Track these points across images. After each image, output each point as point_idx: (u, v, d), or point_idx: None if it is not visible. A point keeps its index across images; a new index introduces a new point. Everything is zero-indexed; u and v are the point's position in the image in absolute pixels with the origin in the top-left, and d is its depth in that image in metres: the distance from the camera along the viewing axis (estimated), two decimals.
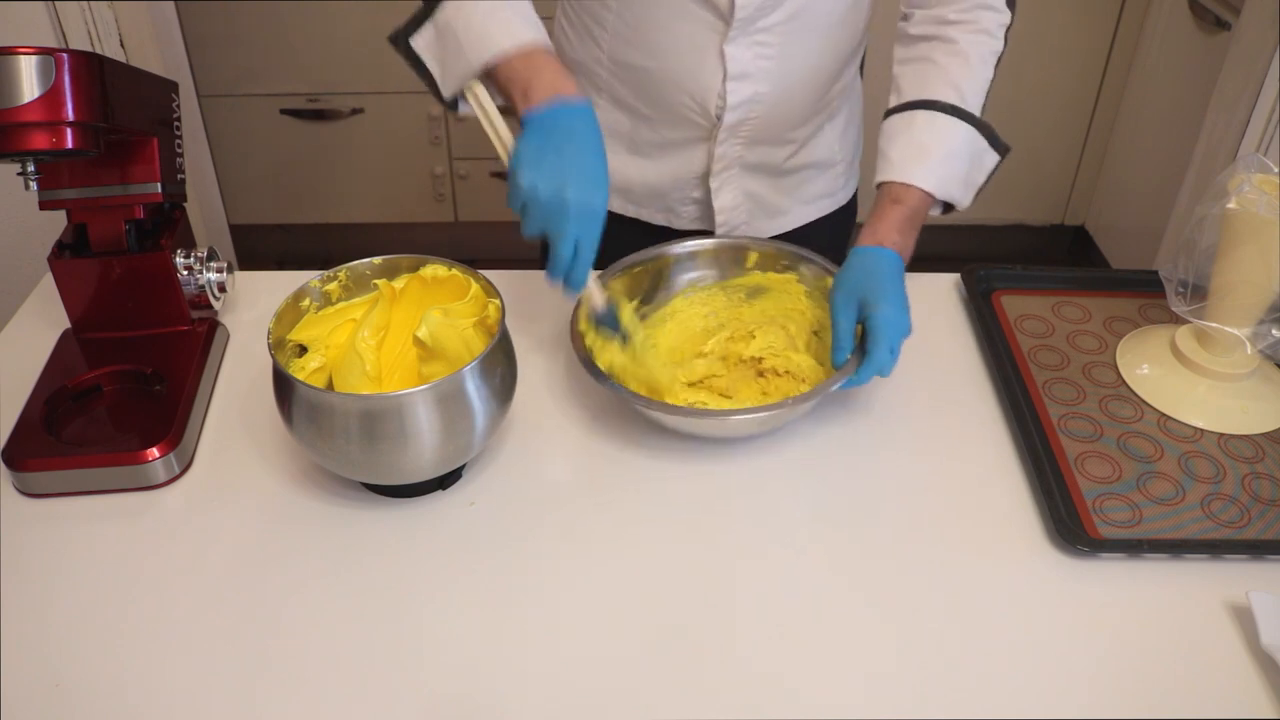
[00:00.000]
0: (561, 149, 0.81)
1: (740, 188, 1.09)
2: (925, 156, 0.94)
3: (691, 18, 0.95)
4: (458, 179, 2.62)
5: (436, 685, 0.71)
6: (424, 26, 0.89)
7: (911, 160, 0.94)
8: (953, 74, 0.96)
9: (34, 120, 0.79)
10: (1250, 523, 0.83)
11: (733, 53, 0.96)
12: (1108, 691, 0.71)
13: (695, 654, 0.74)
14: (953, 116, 0.95)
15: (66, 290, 0.96)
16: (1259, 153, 1.75)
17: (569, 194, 0.80)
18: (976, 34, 0.97)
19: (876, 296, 0.87)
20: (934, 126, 0.95)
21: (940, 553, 0.81)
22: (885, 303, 0.87)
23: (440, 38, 0.88)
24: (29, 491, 0.85)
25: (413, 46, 0.89)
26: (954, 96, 0.96)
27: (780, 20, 0.95)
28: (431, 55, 0.89)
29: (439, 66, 0.89)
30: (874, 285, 0.89)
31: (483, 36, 0.84)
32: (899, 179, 0.94)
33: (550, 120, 0.82)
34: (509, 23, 0.85)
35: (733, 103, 0.99)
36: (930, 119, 0.95)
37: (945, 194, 0.95)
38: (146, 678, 0.71)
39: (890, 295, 0.88)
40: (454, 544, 0.82)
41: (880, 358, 0.86)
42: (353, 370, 0.85)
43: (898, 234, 0.92)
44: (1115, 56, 2.44)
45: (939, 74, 0.97)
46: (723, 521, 0.84)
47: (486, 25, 0.85)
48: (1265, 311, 0.93)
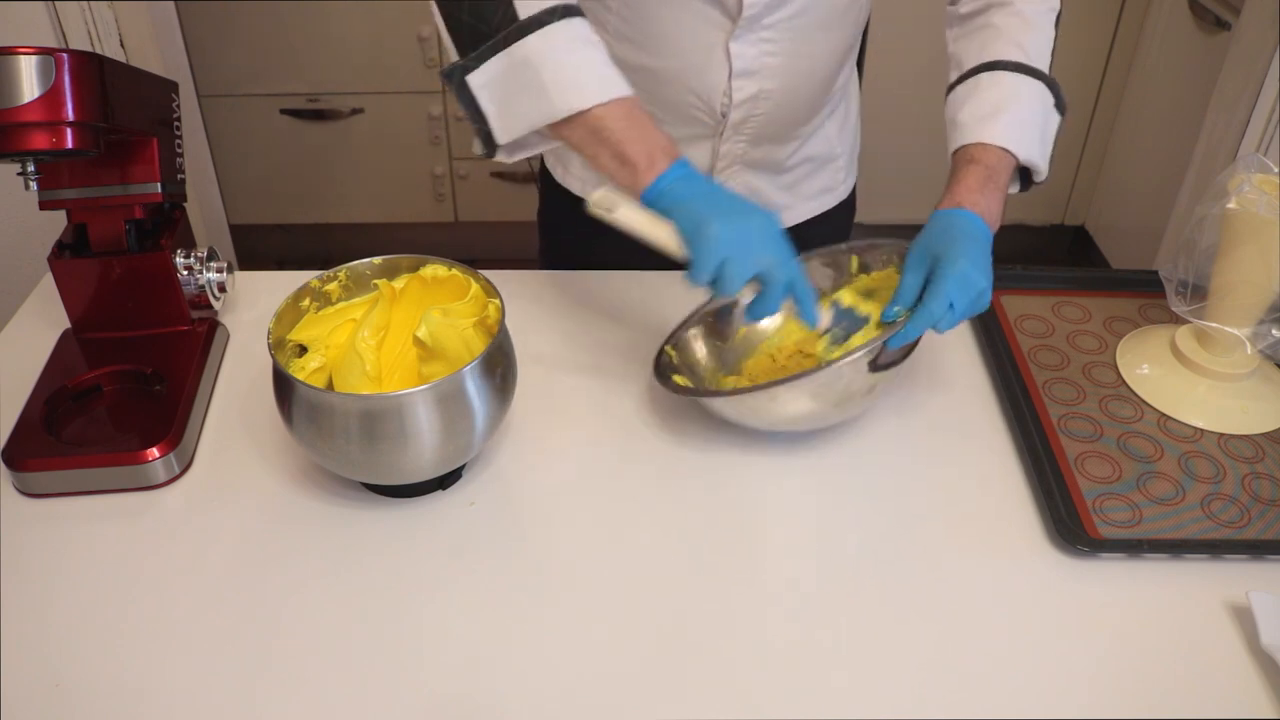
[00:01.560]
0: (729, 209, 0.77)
1: (743, 184, 1.09)
2: (996, 115, 0.90)
3: (697, 15, 0.95)
4: (458, 179, 2.62)
5: (436, 685, 0.71)
6: (490, 60, 0.80)
7: (982, 120, 0.90)
8: (1013, 33, 0.94)
9: (34, 120, 0.79)
10: (1250, 523, 0.83)
11: (738, 49, 0.96)
12: (1108, 691, 0.71)
13: (695, 654, 0.74)
14: (1018, 73, 0.92)
15: (66, 290, 0.96)
16: (1259, 153, 1.75)
17: (772, 252, 0.77)
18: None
19: (952, 253, 0.81)
20: (1000, 84, 0.92)
21: (940, 552, 0.81)
22: (961, 259, 0.80)
23: (512, 74, 0.79)
24: (29, 491, 0.85)
25: (468, 84, 0.81)
26: (1018, 54, 0.93)
27: (786, 16, 0.95)
28: (491, 94, 0.81)
29: (498, 107, 0.81)
30: (950, 242, 0.82)
31: (575, 81, 0.78)
32: (972, 140, 0.89)
33: (690, 187, 0.78)
34: (604, 74, 0.80)
35: (738, 100, 0.99)
36: (995, 78, 0.92)
37: (1025, 152, 0.90)
38: (146, 678, 0.71)
39: (968, 253, 0.81)
40: (454, 544, 0.82)
41: (935, 307, 0.79)
42: (353, 370, 0.85)
43: (977, 194, 0.86)
44: (1115, 56, 2.44)
45: (998, 35, 0.94)
46: (722, 521, 0.84)
47: (581, 71, 0.78)
48: (1265, 311, 0.93)
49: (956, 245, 0.82)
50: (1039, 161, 0.92)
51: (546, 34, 0.78)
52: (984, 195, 0.86)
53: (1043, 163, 0.93)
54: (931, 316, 0.81)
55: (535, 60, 0.78)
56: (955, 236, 0.83)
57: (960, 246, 0.82)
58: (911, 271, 0.84)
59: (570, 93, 0.78)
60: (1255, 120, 1.83)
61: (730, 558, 0.81)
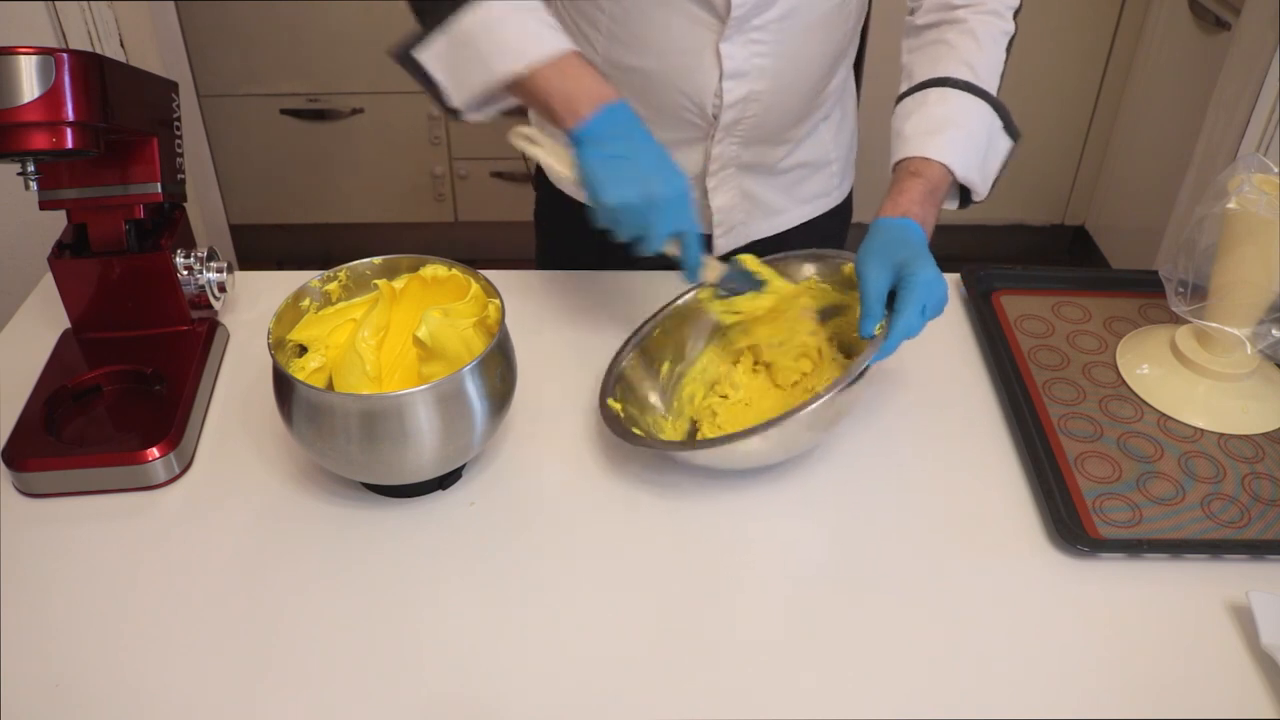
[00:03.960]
0: (627, 153, 0.82)
1: (737, 187, 1.09)
2: (940, 130, 0.92)
3: (687, 16, 0.95)
4: (458, 179, 2.62)
5: (436, 685, 0.71)
6: (433, 38, 0.87)
7: (926, 134, 0.92)
8: (964, 52, 0.95)
9: (34, 120, 0.79)
10: (1250, 523, 0.83)
11: (729, 51, 0.96)
12: (1108, 691, 0.71)
13: (695, 654, 0.74)
14: (966, 92, 0.94)
15: (66, 290, 0.96)
16: (1259, 153, 1.75)
17: (656, 192, 0.81)
18: (985, 15, 0.97)
19: (913, 260, 0.82)
20: (947, 101, 0.94)
21: (940, 552, 0.81)
22: (924, 266, 0.82)
23: (455, 48, 0.86)
24: (29, 491, 0.85)
25: (417, 58, 0.88)
26: (966, 73, 0.94)
27: (775, 18, 0.95)
28: (442, 65, 0.88)
29: (449, 76, 0.87)
30: (909, 250, 0.84)
31: (509, 47, 0.84)
32: (916, 154, 0.91)
33: (605, 128, 0.82)
34: (537, 33, 0.84)
35: (729, 101, 0.99)
36: (943, 95, 0.94)
37: (964, 171, 0.91)
38: (146, 678, 0.71)
39: (929, 259, 0.83)
40: (454, 544, 0.82)
41: (910, 318, 0.81)
42: (353, 370, 0.85)
43: (918, 206, 0.88)
44: (1115, 56, 2.44)
45: (950, 53, 0.96)
46: (721, 520, 0.84)
47: (511, 36, 0.84)
48: (1265, 311, 0.93)
49: (916, 253, 0.84)
50: (977, 182, 0.94)
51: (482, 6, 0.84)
52: (923, 208, 0.88)
53: (982, 184, 0.95)
54: (909, 324, 0.82)
55: (473, 29, 0.85)
56: (911, 245, 0.85)
57: (920, 254, 0.84)
58: (874, 283, 0.83)
59: (508, 56, 0.84)
60: (1255, 120, 1.83)
61: (729, 556, 0.81)
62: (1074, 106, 2.52)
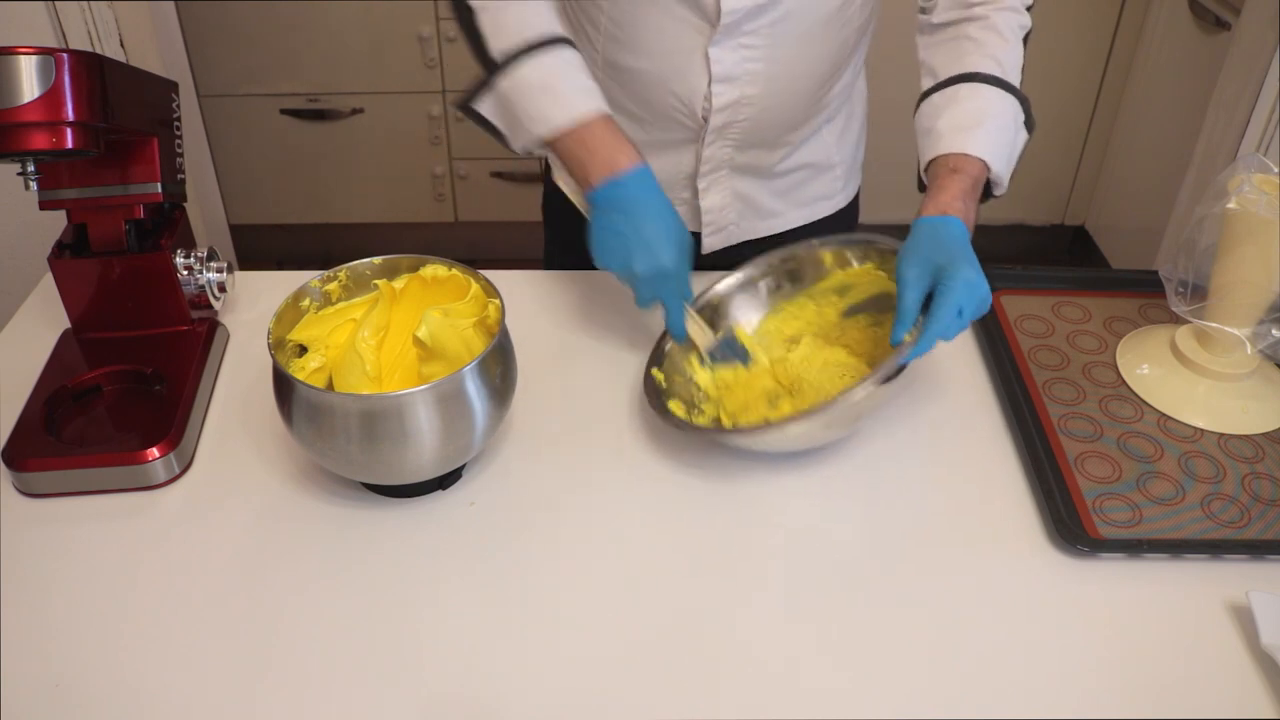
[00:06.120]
0: (623, 228, 0.88)
1: (729, 189, 1.09)
2: (977, 125, 0.91)
3: (678, 19, 0.95)
4: (458, 179, 2.62)
5: (436, 685, 0.71)
6: (485, 95, 0.94)
7: (963, 130, 0.91)
8: (990, 47, 0.95)
9: (34, 120, 0.79)
10: (1250, 523, 0.83)
11: (717, 55, 0.96)
12: (1108, 691, 0.71)
13: (695, 653, 0.74)
14: (996, 87, 0.94)
15: (66, 290, 0.96)
16: (1259, 153, 1.75)
17: (638, 270, 0.88)
18: (1004, 10, 0.97)
19: (953, 261, 0.82)
20: (979, 96, 0.93)
21: (940, 552, 0.81)
22: (965, 266, 0.81)
23: (502, 106, 0.93)
24: (29, 491, 0.85)
25: (479, 111, 0.95)
26: (994, 68, 0.94)
27: (767, 24, 0.94)
28: (497, 116, 0.94)
29: (506, 126, 0.94)
30: (948, 251, 0.83)
31: (539, 115, 0.90)
32: (954, 150, 0.90)
33: (606, 200, 0.89)
34: (563, 96, 0.89)
35: (718, 105, 0.99)
36: (974, 90, 0.94)
37: (998, 166, 0.91)
38: (146, 678, 0.71)
39: (970, 259, 0.83)
40: (454, 544, 0.82)
41: (944, 320, 0.80)
42: (353, 370, 0.85)
43: (960, 203, 0.87)
44: (1115, 56, 2.44)
45: (976, 48, 0.95)
46: (722, 520, 0.84)
47: (540, 102, 0.89)
48: (1265, 311, 0.93)
49: (957, 253, 0.83)
50: (1005, 177, 0.94)
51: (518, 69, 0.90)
52: (965, 205, 0.88)
53: (1007, 178, 0.95)
54: (943, 326, 0.81)
55: (510, 91, 0.91)
56: (952, 244, 0.84)
57: (962, 253, 0.83)
58: (912, 287, 0.83)
59: (537, 121, 0.90)
60: (1255, 120, 1.83)
61: (729, 557, 0.81)
62: (1074, 106, 2.52)
